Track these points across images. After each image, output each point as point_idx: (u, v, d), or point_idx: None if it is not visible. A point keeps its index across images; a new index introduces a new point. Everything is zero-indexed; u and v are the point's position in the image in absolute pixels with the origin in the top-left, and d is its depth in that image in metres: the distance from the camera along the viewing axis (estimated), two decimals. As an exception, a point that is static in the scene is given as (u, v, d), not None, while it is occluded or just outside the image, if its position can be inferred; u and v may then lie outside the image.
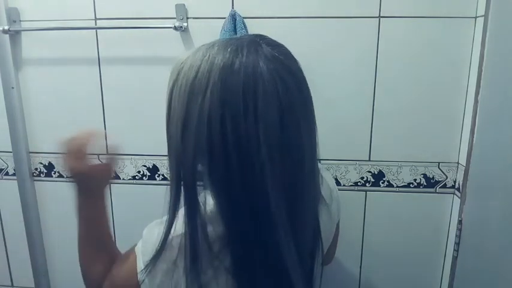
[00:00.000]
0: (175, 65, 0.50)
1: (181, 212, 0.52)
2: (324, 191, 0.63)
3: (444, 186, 1.01)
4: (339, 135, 1.00)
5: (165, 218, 0.52)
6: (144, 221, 0.58)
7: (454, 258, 0.96)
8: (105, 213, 0.64)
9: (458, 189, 0.98)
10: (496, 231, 0.78)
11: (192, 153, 0.46)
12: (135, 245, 0.57)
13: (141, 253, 0.54)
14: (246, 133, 0.44)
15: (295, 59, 0.51)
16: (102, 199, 0.64)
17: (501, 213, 0.76)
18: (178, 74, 0.48)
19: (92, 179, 0.61)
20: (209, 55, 0.46)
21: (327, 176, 0.68)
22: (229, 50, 0.46)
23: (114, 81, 1.04)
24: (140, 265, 0.53)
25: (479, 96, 0.85)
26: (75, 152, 0.59)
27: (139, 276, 0.52)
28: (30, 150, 1.12)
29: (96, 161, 0.63)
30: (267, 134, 0.45)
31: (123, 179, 1.09)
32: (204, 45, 0.50)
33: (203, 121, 0.44)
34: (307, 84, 0.51)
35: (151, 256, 0.52)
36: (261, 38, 0.50)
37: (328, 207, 0.64)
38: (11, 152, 1.10)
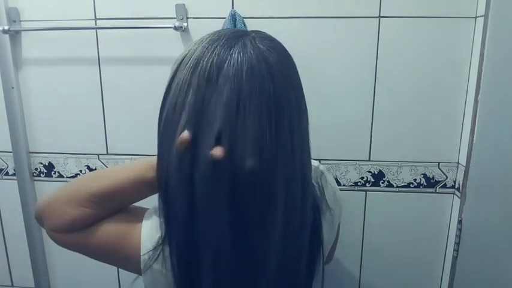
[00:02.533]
0: None
1: None
2: (328, 195, 0.61)
3: (444, 186, 1.01)
4: (339, 135, 1.00)
5: None
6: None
7: (454, 258, 0.96)
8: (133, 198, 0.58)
9: (458, 189, 0.98)
10: (496, 231, 0.78)
11: (164, 119, 0.50)
12: (144, 210, 0.57)
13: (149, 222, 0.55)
14: (202, 99, 0.46)
15: (285, 55, 0.52)
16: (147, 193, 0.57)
17: (501, 213, 0.75)
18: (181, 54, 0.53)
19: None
20: (202, 39, 0.51)
21: (329, 178, 0.66)
22: (216, 34, 0.51)
23: (114, 81, 1.04)
24: (145, 244, 0.53)
25: (479, 96, 0.85)
26: None
27: (143, 258, 0.52)
28: (30, 150, 1.12)
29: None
30: (222, 108, 0.45)
31: (123, 179, 1.09)
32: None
33: (177, 86, 0.49)
34: (291, 81, 0.51)
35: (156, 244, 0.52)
36: (256, 32, 0.53)
37: (330, 212, 0.62)
38: (11, 152, 1.10)
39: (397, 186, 1.02)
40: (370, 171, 1.02)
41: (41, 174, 1.13)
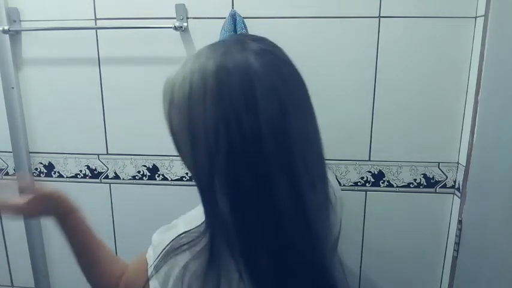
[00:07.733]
0: (166, 84, 0.49)
1: (191, 215, 0.52)
2: (330, 189, 0.62)
3: (444, 186, 1.01)
4: (339, 135, 1.00)
5: (174, 222, 0.53)
6: (144, 220, 0.58)
7: (454, 258, 0.96)
8: (82, 231, 0.66)
9: (458, 189, 0.98)
10: (496, 231, 0.78)
11: (207, 164, 0.45)
12: (145, 251, 0.56)
13: (153, 260, 0.53)
14: (250, 129, 0.43)
15: (280, 47, 0.51)
16: (67, 221, 0.66)
17: (501, 213, 0.76)
18: (172, 93, 0.48)
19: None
20: (199, 65, 0.46)
21: (329, 175, 0.67)
22: (218, 53, 0.46)
23: (114, 81, 1.04)
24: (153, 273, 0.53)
25: (479, 96, 0.85)
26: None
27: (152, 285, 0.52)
28: (30, 150, 1.12)
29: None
30: (270, 126, 0.44)
31: (123, 179, 1.09)
32: (189, 57, 0.49)
33: (209, 129, 0.44)
34: (298, 70, 0.51)
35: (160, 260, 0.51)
36: (245, 36, 0.52)
37: (333, 207, 0.63)
38: (11, 152, 1.10)
39: (397, 186, 1.02)
40: (370, 171, 1.02)
41: (41, 174, 1.13)
